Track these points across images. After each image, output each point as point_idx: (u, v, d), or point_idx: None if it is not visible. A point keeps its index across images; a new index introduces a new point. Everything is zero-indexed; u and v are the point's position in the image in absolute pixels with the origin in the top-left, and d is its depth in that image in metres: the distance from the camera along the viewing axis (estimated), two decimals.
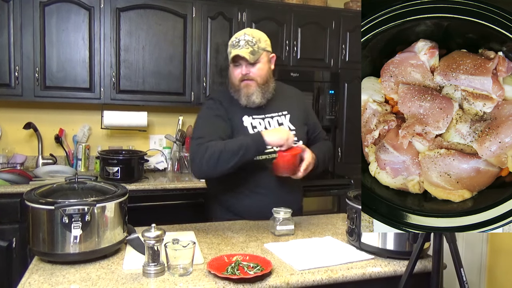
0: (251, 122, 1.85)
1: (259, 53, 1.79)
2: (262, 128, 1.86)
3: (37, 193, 1.40)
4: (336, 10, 3.50)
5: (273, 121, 1.89)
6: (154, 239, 1.26)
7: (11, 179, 2.69)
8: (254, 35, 1.81)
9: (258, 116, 1.87)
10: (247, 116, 1.85)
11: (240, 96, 1.84)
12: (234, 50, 1.78)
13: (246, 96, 1.83)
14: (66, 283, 1.22)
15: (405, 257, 1.41)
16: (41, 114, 3.13)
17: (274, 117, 1.90)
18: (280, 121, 1.90)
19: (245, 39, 1.78)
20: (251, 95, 1.82)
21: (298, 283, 1.30)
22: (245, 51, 1.76)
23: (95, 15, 2.88)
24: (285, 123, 1.91)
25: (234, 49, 1.78)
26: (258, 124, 1.86)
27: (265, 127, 1.86)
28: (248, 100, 1.83)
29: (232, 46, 1.80)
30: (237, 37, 1.81)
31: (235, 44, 1.79)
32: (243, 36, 1.80)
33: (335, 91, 3.37)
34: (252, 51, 1.77)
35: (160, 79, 3.06)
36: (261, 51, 1.81)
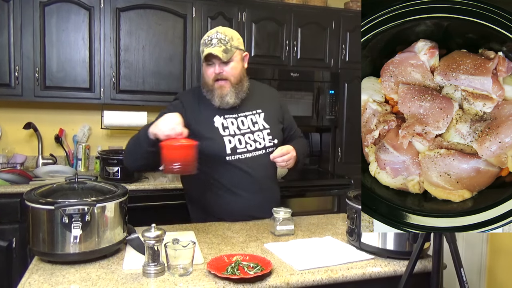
0: (222, 122, 1.81)
1: (232, 51, 1.75)
2: (234, 128, 1.82)
3: (37, 193, 1.40)
4: (336, 10, 3.50)
5: (246, 120, 1.85)
6: (154, 239, 1.26)
7: (11, 179, 2.69)
8: (226, 33, 1.76)
9: (230, 115, 1.84)
10: (218, 116, 1.82)
11: (213, 96, 1.80)
12: (206, 48, 1.72)
13: (219, 97, 1.79)
14: (66, 283, 1.22)
15: (405, 257, 1.41)
16: (41, 114, 3.13)
17: (247, 115, 1.87)
18: (254, 119, 1.87)
19: (217, 37, 1.73)
20: (224, 96, 1.79)
21: (298, 283, 1.30)
22: (217, 50, 1.71)
23: (95, 15, 2.88)
24: (259, 121, 1.87)
25: (206, 48, 1.73)
26: (230, 124, 1.82)
27: (237, 126, 1.83)
28: (222, 101, 1.79)
29: (204, 44, 1.75)
30: (209, 35, 1.76)
31: (207, 43, 1.74)
32: (216, 35, 1.74)
33: (335, 91, 3.37)
34: (225, 50, 1.73)
35: (160, 79, 3.06)
36: (234, 49, 1.76)
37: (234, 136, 1.81)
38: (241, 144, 1.81)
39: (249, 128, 1.84)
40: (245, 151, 1.80)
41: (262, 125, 1.87)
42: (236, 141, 1.80)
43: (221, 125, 1.81)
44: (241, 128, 1.83)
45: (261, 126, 1.87)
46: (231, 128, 1.81)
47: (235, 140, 1.80)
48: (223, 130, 1.80)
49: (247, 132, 1.83)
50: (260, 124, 1.87)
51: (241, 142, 1.81)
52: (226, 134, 1.80)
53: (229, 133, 1.81)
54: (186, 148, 1.50)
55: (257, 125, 1.86)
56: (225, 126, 1.81)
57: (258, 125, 1.86)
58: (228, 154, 1.79)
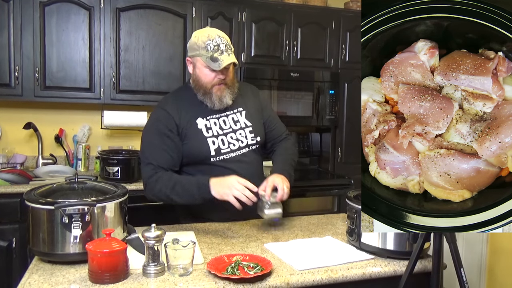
0: (205, 124, 1.80)
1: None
2: (217, 129, 1.80)
3: (37, 193, 1.40)
4: (336, 10, 3.50)
5: (228, 119, 1.84)
6: (154, 239, 1.26)
7: (11, 179, 2.69)
8: (226, 38, 1.75)
9: (213, 116, 1.82)
10: (201, 118, 1.80)
11: (211, 99, 1.78)
12: (221, 56, 1.69)
13: (219, 99, 1.78)
14: (66, 283, 1.22)
15: (405, 257, 1.41)
16: (41, 114, 3.13)
17: (229, 115, 1.85)
18: (235, 118, 1.86)
19: (222, 43, 1.72)
20: (223, 97, 1.78)
21: (298, 283, 1.30)
22: (233, 58, 1.72)
23: (95, 15, 2.88)
24: (241, 119, 1.86)
25: (219, 55, 1.70)
26: (213, 125, 1.81)
27: (220, 126, 1.81)
28: (221, 103, 1.79)
29: (212, 50, 1.70)
30: (211, 39, 1.71)
31: (215, 49, 1.70)
32: (219, 39, 1.72)
33: (335, 91, 3.37)
34: (234, 56, 1.74)
35: (160, 79, 3.06)
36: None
37: (217, 137, 1.80)
38: (224, 145, 1.80)
39: (231, 128, 1.83)
40: (229, 151, 1.80)
41: (244, 123, 1.86)
42: (219, 141, 1.79)
43: (204, 126, 1.80)
44: (223, 128, 1.82)
45: (243, 124, 1.86)
46: (214, 129, 1.80)
47: (218, 141, 1.79)
48: (207, 131, 1.79)
49: (229, 132, 1.82)
50: (242, 122, 1.86)
51: (224, 142, 1.80)
52: (209, 136, 1.79)
53: (212, 134, 1.80)
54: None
55: (239, 124, 1.85)
56: (208, 127, 1.80)
57: (240, 124, 1.85)
58: (213, 156, 1.78)
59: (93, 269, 1.22)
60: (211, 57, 1.70)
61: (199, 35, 1.75)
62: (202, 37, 1.73)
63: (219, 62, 1.69)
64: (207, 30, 1.79)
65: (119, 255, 1.23)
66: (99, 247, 1.21)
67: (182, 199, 1.71)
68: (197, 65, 1.76)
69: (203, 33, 1.75)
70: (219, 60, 1.69)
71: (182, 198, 1.70)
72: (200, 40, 1.73)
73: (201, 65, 1.74)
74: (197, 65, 1.76)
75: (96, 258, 1.21)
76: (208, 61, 1.71)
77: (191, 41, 1.78)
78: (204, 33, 1.75)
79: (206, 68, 1.74)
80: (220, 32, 1.77)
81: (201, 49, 1.72)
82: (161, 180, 1.71)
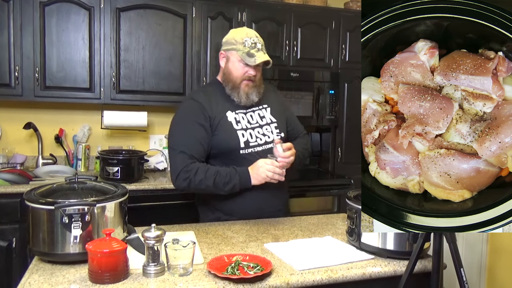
0: (234, 117, 1.87)
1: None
2: (245, 123, 1.87)
3: (37, 193, 1.40)
4: (336, 10, 3.50)
5: (254, 114, 1.91)
6: (154, 239, 1.26)
7: (11, 179, 2.69)
8: (261, 39, 1.85)
9: (241, 110, 1.89)
10: (230, 112, 1.87)
11: (238, 94, 1.86)
12: (257, 53, 1.79)
13: (245, 95, 1.86)
14: (66, 283, 1.22)
15: (405, 257, 1.41)
16: (41, 114, 3.13)
17: (255, 110, 1.92)
18: (261, 114, 1.93)
19: (259, 43, 1.82)
20: (250, 94, 1.86)
21: (298, 283, 1.30)
22: (267, 57, 1.81)
23: (95, 15, 2.88)
24: (267, 115, 1.94)
25: (256, 52, 1.79)
26: (241, 119, 1.88)
27: (248, 121, 1.88)
28: (248, 99, 1.86)
29: (249, 46, 1.80)
30: (250, 37, 1.82)
31: (252, 46, 1.80)
32: (256, 39, 1.83)
33: (335, 91, 3.37)
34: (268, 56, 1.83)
35: (160, 79, 3.06)
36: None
37: (246, 130, 1.86)
38: (252, 138, 1.86)
39: (258, 123, 1.90)
40: (256, 144, 1.86)
41: (269, 119, 1.93)
42: (248, 135, 1.86)
43: (234, 119, 1.87)
44: (251, 122, 1.89)
45: (268, 120, 1.93)
46: (242, 123, 1.87)
47: (247, 134, 1.86)
48: (236, 124, 1.86)
49: (256, 127, 1.89)
50: (268, 118, 1.93)
51: (251, 136, 1.86)
52: (239, 128, 1.85)
53: (242, 127, 1.86)
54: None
55: (265, 119, 1.92)
56: (238, 120, 1.87)
57: (266, 119, 1.92)
58: (242, 148, 1.84)
59: (93, 269, 1.22)
60: (247, 52, 1.79)
61: (237, 31, 1.87)
62: (240, 34, 1.83)
63: (255, 58, 1.79)
64: (246, 28, 1.89)
65: (119, 255, 1.23)
66: (99, 247, 1.22)
67: (224, 190, 1.77)
68: (231, 59, 1.85)
69: (242, 30, 1.86)
70: (255, 56, 1.79)
71: (223, 189, 1.76)
72: (239, 36, 1.83)
73: (236, 59, 1.83)
74: (230, 59, 1.85)
75: (96, 258, 1.21)
76: (243, 56, 1.80)
77: (227, 36, 1.88)
78: (243, 30, 1.86)
79: (239, 62, 1.82)
80: (257, 33, 1.87)
81: (238, 44, 1.81)
82: (200, 172, 1.75)
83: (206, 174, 1.74)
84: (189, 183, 1.76)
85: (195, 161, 1.78)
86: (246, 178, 1.74)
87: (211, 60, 3.15)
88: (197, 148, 1.80)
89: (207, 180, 1.74)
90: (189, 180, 1.76)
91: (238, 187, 1.75)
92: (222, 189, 1.76)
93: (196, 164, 1.77)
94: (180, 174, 1.76)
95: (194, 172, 1.75)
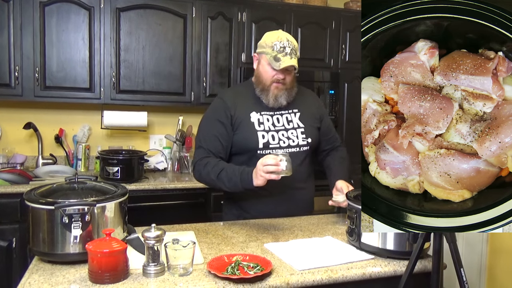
0: (258, 118, 1.88)
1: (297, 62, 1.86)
2: (269, 125, 1.88)
3: (37, 193, 1.40)
4: (336, 10, 3.50)
5: (282, 118, 1.92)
6: (154, 239, 1.26)
7: (11, 179, 2.69)
8: (294, 43, 1.85)
9: (267, 112, 1.91)
10: (255, 113, 1.89)
11: (267, 96, 1.87)
12: (284, 57, 1.79)
13: (274, 97, 1.87)
14: (66, 283, 1.22)
15: (405, 257, 1.41)
16: (41, 114, 3.13)
17: (283, 114, 1.93)
18: (289, 118, 1.94)
19: (289, 47, 1.81)
20: (279, 97, 1.88)
21: (298, 283, 1.30)
22: (294, 61, 1.81)
23: (95, 15, 2.88)
24: (294, 120, 1.94)
25: (281, 56, 1.79)
26: (265, 120, 1.89)
27: (272, 123, 1.89)
28: (276, 101, 1.88)
29: (277, 50, 1.80)
30: (280, 40, 1.81)
31: (280, 50, 1.80)
32: (287, 43, 1.81)
33: (335, 91, 3.36)
34: (296, 61, 1.83)
35: (160, 79, 3.06)
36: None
37: (268, 132, 1.87)
38: (274, 140, 1.87)
39: (284, 126, 1.91)
40: (278, 146, 1.87)
41: (296, 124, 1.94)
42: (269, 136, 1.87)
43: (257, 120, 1.88)
44: (276, 125, 1.90)
45: (295, 124, 1.94)
46: (266, 124, 1.89)
47: (268, 136, 1.87)
48: (258, 125, 1.88)
49: (281, 130, 1.90)
50: (295, 122, 1.94)
51: (274, 138, 1.88)
52: (260, 130, 1.87)
53: (264, 128, 1.88)
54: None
55: (291, 124, 1.93)
56: (261, 122, 1.89)
57: (293, 124, 1.93)
58: (260, 148, 1.85)
59: (93, 269, 1.22)
60: (274, 56, 1.80)
61: (269, 35, 1.87)
62: (271, 37, 1.84)
63: (280, 62, 1.80)
64: (279, 32, 1.89)
65: (119, 255, 1.23)
66: (99, 247, 1.22)
67: (226, 186, 1.79)
68: (261, 62, 1.88)
69: (274, 34, 1.87)
70: (280, 61, 1.80)
71: (226, 185, 1.78)
72: (269, 39, 1.84)
73: (265, 62, 1.85)
74: (261, 62, 1.88)
75: (96, 258, 1.21)
76: (270, 60, 1.81)
77: (261, 39, 1.89)
78: (275, 34, 1.86)
79: (268, 65, 1.84)
80: (291, 37, 1.87)
81: (267, 48, 1.83)
82: (209, 165, 1.81)
83: (213, 168, 1.79)
84: (200, 175, 1.86)
85: (210, 156, 1.84)
86: (247, 177, 1.73)
87: (211, 60, 3.16)
88: (214, 144, 1.85)
89: (213, 172, 1.79)
90: (199, 172, 1.84)
91: (241, 186, 1.75)
92: (224, 185, 1.79)
93: (209, 158, 1.83)
94: (195, 166, 1.87)
95: (203, 165, 1.82)
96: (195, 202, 2.85)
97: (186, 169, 3.22)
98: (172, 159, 3.29)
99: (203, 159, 1.83)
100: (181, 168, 3.24)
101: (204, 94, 3.15)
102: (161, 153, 3.24)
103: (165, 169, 3.23)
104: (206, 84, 3.15)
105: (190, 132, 3.35)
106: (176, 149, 3.30)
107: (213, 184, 1.83)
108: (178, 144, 3.28)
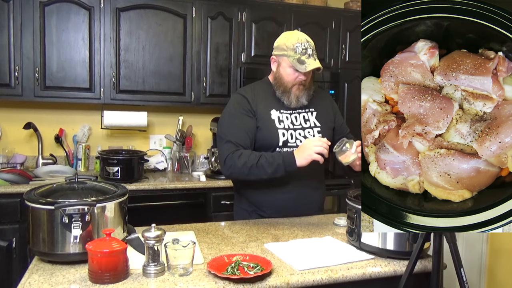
0: (278, 116, 1.89)
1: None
2: (288, 123, 1.89)
3: (37, 193, 1.40)
4: (336, 10, 3.50)
5: (299, 116, 1.93)
6: (154, 239, 1.26)
7: (11, 179, 2.69)
8: (313, 43, 1.85)
9: (286, 111, 1.91)
10: (275, 110, 1.90)
11: (289, 97, 1.88)
12: (308, 60, 1.80)
13: (296, 98, 1.88)
14: (66, 283, 1.22)
15: (405, 257, 1.41)
16: (41, 114, 3.13)
17: (301, 113, 1.94)
18: (306, 117, 1.94)
19: (310, 48, 1.82)
20: (301, 97, 1.89)
21: (298, 283, 1.30)
22: (318, 63, 1.82)
23: (95, 15, 2.88)
24: (311, 119, 1.95)
25: (306, 58, 1.80)
26: (285, 119, 1.90)
27: (291, 121, 1.90)
28: (298, 102, 1.89)
29: (300, 53, 1.80)
30: (301, 42, 1.82)
31: (303, 52, 1.81)
32: (307, 44, 1.82)
33: (335, 91, 3.36)
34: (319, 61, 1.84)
35: (160, 79, 3.06)
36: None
37: (287, 130, 1.89)
38: (292, 139, 1.88)
39: (301, 125, 1.92)
40: (295, 145, 1.87)
41: (313, 123, 1.95)
42: (288, 135, 1.88)
43: (277, 118, 1.89)
44: (294, 123, 1.91)
45: (312, 123, 1.94)
46: (285, 123, 1.89)
47: (287, 134, 1.88)
48: (279, 123, 1.88)
49: (298, 128, 1.91)
50: (312, 121, 1.95)
51: (292, 136, 1.88)
52: (281, 127, 1.88)
53: (284, 126, 1.88)
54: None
55: (308, 123, 1.94)
56: (281, 120, 1.89)
57: (310, 123, 1.94)
58: (280, 146, 1.86)
59: (93, 269, 1.22)
60: (298, 59, 1.81)
61: (288, 37, 1.86)
62: (291, 39, 1.83)
63: (306, 65, 1.80)
64: (297, 33, 1.89)
65: (119, 255, 1.23)
66: (99, 247, 1.22)
67: (267, 172, 1.74)
68: (282, 64, 1.87)
69: (293, 35, 1.86)
70: (306, 63, 1.80)
71: (267, 170, 1.74)
72: (290, 41, 1.83)
73: (287, 64, 1.85)
74: (282, 64, 1.87)
75: (96, 258, 1.21)
76: (294, 63, 1.81)
77: (279, 41, 1.89)
78: (294, 35, 1.86)
79: (290, 68, 1.84)
80: (308, 37, 1.87)
81: (289, 50, 1.82)
82: (244, 156, 1.77)
83: (250, 156, 1.76)
84: (234, 167, 1.78)
85: (240, 149, 1.81)
86: (290, 158, 1.72)
87: (211, 60, 3.16)
88: (242, 137, 1.83)
89: (250, 161, 1.75)
90: (234, 164, 1.77)
91: (283, 168, 1.73)
92: (265, 171, 1.74)
93: (241, 150, 1.80)
94: (226, 161, 1.80)
95: (237, 156, 1.77)
96: (195, 202, 2.85)
97: (186, 169, 3.22)
98: (172, 159, 3.29)
99: (235, 152, 1.78)
100: (181, 168, 3.24)
101: (204, 94, 3.15)
102: (161, 153, 3.24)
103: (165, 169, 3.23)
104: (206, 84, 3.15)
105: (190, 132, 3.35)
106: (176, 149, 3.31)
107: (251, 173, 1.76)
108: (178, 144, 3.28)
